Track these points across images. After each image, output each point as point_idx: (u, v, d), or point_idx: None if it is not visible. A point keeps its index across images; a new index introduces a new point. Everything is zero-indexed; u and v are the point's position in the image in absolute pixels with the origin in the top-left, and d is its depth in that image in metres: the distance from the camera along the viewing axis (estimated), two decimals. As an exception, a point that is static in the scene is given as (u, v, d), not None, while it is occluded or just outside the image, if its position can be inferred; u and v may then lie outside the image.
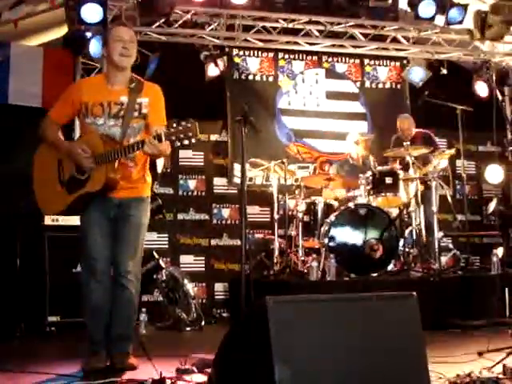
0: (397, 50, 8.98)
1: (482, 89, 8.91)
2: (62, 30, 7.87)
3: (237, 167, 8.32)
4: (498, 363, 4.07)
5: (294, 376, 2.65)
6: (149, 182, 4.49)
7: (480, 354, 4.68)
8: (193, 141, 3.90)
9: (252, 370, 2.83)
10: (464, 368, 4.02)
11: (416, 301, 3.00)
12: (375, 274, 6.79)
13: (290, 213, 7.64)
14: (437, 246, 7.21)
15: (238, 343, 3.03)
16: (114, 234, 4.31)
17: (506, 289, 6.46)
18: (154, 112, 4.34)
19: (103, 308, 4.30)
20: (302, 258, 7.14)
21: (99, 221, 4.28)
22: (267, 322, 2.68)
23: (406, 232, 7.40)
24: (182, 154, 8.50)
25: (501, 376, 3.82)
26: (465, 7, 8.02)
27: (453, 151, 7.74)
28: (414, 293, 3.01)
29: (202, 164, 8.65)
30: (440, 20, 8.05)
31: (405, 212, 7.47)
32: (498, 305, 6.57)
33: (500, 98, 6.92)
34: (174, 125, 3.89)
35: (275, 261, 7.36)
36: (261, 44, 8.59)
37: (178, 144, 3.91)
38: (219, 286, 8.38)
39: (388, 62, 9.44)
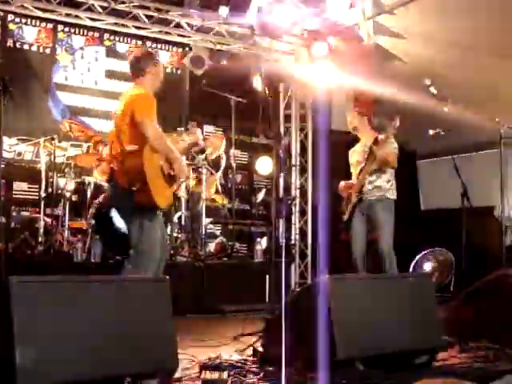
0: (180, 35, 8.95)
1: (258, 83, 9.18)
2: None
3: (4, 140, 7.83)
4: (249, 346, 4.24)
5: (36, 357, 2.56)
6: None
7: (235, 337, 4.88)
8: None
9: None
10: (219, 351, 4.14)
11: (168, 285, 3.02)
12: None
13: (58, 192, 7.35)
14: (204, 232, 7.36)
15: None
16: None
17: (267, 276, 6.74)
18: None
19: None
20: (68, 239, 6.92)
21: None
22: (9, 303, 2.55)
23: (175, 217, 7.45)
24: None
25: (250, 358, 3.98)
26: (249, 2, 8.20)
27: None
28: (167, 277, 3.03)
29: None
30: (224, 11, 8.18)
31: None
32: (258, 291, 6.84)
33: (267, 93, 7.11)
34: None
35: (40, 240, 7.06)
36: (39, 13, 8.15)
37: None
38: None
39: (170, 46, 9.45)
